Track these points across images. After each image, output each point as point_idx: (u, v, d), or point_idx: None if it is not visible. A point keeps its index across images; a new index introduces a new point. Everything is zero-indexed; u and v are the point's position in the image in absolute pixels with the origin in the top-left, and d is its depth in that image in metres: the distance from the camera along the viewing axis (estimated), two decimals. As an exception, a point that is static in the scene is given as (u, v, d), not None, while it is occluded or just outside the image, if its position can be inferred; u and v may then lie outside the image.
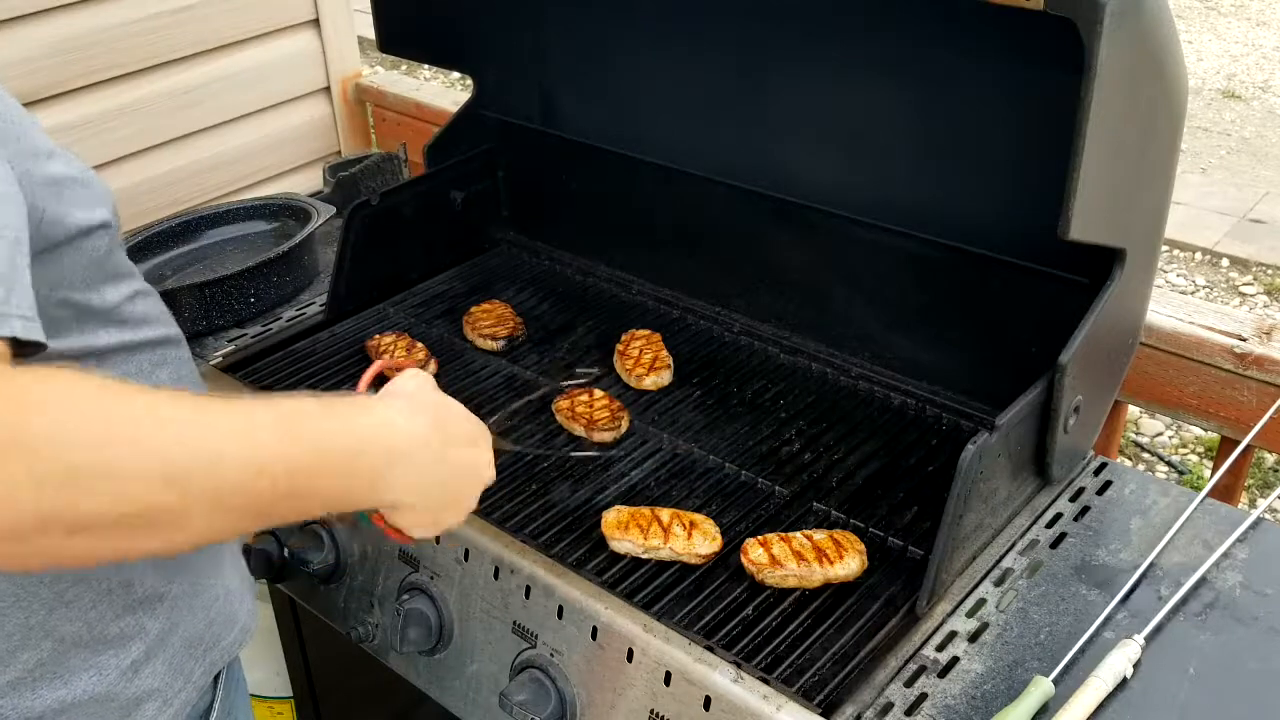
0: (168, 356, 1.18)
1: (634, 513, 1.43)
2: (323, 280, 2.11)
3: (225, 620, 1.25)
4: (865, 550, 1.39)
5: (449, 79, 6.22)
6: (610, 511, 1.45)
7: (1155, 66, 1.24)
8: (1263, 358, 1.64)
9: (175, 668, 1.18)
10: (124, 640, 1.13)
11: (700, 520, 1.43)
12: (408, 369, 1.14)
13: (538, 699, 1.32)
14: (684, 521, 1.42)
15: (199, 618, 1.21)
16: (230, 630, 1.26)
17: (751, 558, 1.36)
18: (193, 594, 1.20)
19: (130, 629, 1.13)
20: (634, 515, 1.43)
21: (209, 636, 1.23)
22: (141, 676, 1.15)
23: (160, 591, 1.15)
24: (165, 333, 1.19)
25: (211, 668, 1.24)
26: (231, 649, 1.27)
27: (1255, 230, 5.49)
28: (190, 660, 1.20)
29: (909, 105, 1.59)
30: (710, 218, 1.92)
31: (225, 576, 1.26)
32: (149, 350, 1.16)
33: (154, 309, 1.19)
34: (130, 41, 2.37)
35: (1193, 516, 1.44)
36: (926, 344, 1.71)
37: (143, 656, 1.14)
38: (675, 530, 1.40)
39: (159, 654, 1.16)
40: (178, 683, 1.19)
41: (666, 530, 1.40)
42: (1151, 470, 3.86)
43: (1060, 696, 1.19)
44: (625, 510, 1.44)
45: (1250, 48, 8.04)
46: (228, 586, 1.26)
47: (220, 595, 1.24)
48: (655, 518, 1.42)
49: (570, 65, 2.02)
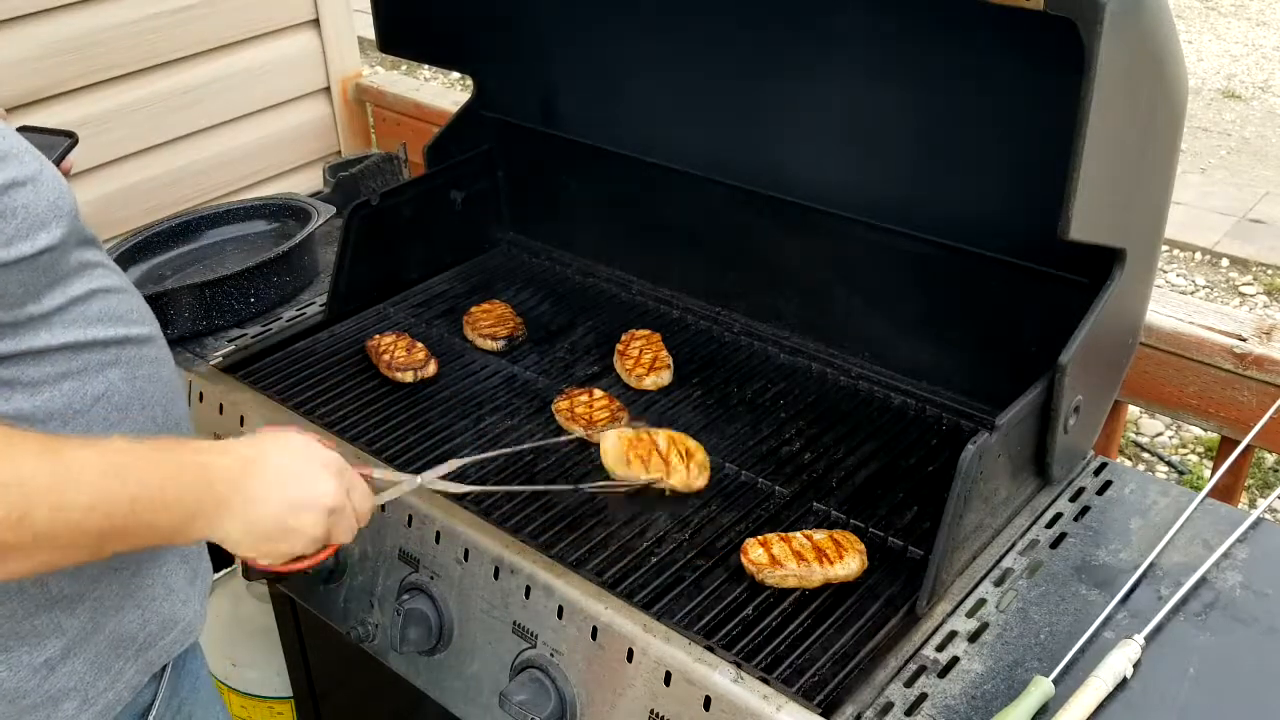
0: (122, 356, 1.17)
1: (633, 442, 1.49)
2: (323, 280, 2.11)
3: (163, 620, 1.24)
4: (865, 550, 1.39)
5: (449, 79, 6.22)
6: (609, 438, 1.50)
7: (1155, 66, 1.24)
8: (1263, 358, 1.64)
9: (99, 666, 1.17)
10: (37, 637, 1.12)
11: (695, 449, 1.51)
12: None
13: (538, 699, 1.32)
14: (680, 449, 1.49)
15: (129, 617, 1.20)
16: (170, 630, 1.24)
17: (751, 558, 1.37)
18: (122, 595, 1.19)
19: (45, 627, 1.13)
20: (633, 445, 1.49)
21: (143, 636, 1.21)
22: (58, 674, 1.14)
23: (80, 592, 1.14)
24: (125, 332, 1.18)
25: (148, 667, 1.23)
26: (172, 648, 1.25)
27: (1255, 230, 5.49)
28: (118, 660, 1.19)
29: (909, 105, 1.59)
30: (710, 218, 1.92)
31: (167, 575, 1.24)
32: (99, 350, 1.14)
33: (118, 306, 1.18)
34: (130, 41, 2.37)
35: (1193, 516, 1.44)
36: (926, 344, 1.71)
37: (59, 654, 1.14)
38: (674, 461, 1.48)
39: (79, 652, 1.15)
40: (102, 681, 1.18)
41: (666, 461, 1.49)
42: (1151, 470, 3.86)
43: (1060, 696, 1.19)
44: (625, 438, 1.50)
45: (1250, 48, 8.04)
46: (169, 585, 1.25)
47: (158, 595, 1.23)
48: (654, 445, 1.49)
49: (570, 65, 2.02)
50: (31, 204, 1.04)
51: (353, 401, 1.75)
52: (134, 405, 1.18)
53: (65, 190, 1.10)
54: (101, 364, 1.15)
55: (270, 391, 1.75)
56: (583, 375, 1.81)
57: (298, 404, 1.72)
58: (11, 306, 1.04)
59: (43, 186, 1.06)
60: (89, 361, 1.13)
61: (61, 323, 1.10)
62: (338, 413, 1.71)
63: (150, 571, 1.22)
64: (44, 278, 1.07)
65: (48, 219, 1.06)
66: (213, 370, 1.82)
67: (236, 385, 1.77)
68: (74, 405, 1.11)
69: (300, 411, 1.69)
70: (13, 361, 1.06)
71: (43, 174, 1.07)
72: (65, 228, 1.08)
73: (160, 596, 1.23)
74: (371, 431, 1.67)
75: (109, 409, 1.15)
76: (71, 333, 1.11)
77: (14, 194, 1.02)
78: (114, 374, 1.16)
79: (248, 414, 1.72)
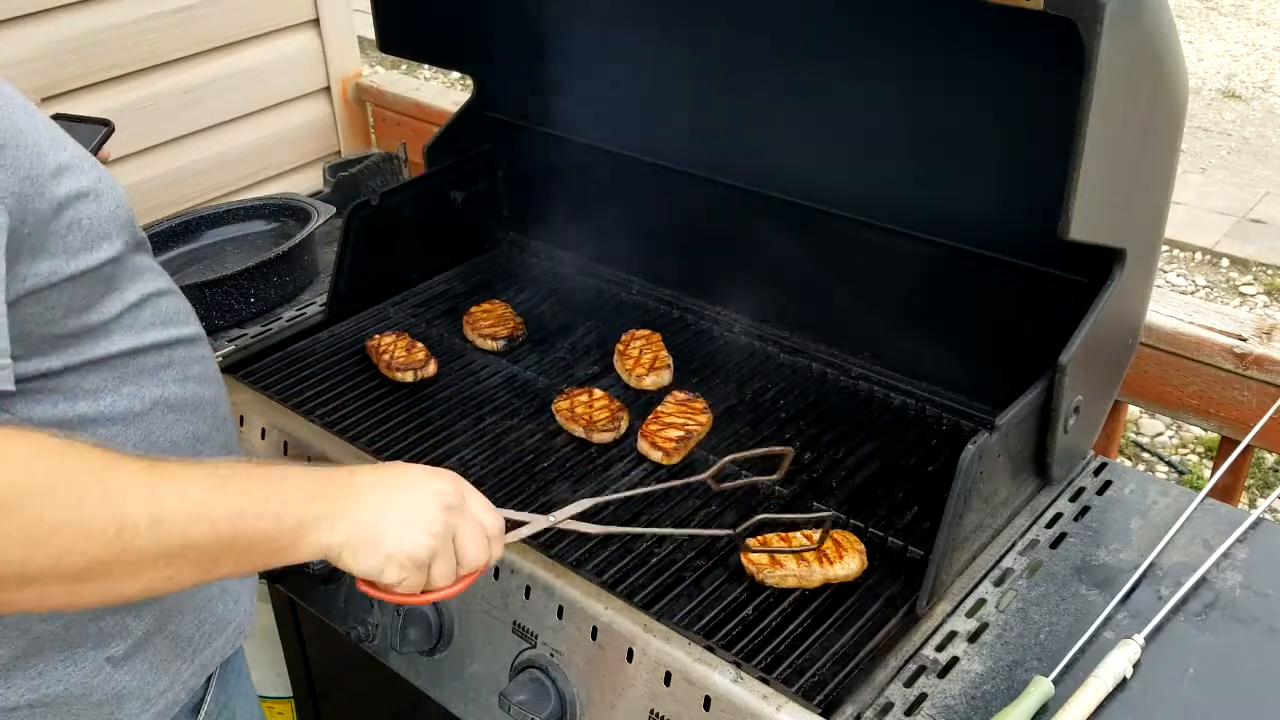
0: (175, 358, 1.18)
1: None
2: (323, 280, 2.11)
3: (217, 622, 1.25)
4: (865, 550, 1.39)
5: (449, 79, 6.22)
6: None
7: (1155, 66, 1.24)
8: (1263, 358, 1.64)
9: (159, 667, 1.17)
10: (103, 639, 1.13)
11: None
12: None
13: (538, 699, 1.32)
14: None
15: (188, 619, 1.20)
16: (224, 630, 1.25)
17: (751, 558, 1.36)
18: (182, 597, 1.19)
19: (110, 628, 1.13)
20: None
21: (199, 638, 1.22)
22: (121, 674, 1.14)
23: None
24: (177, 334, 1.19)
25: (203, 669, 1.23)
26: (224, 650, 1.26)
27: (1255, 230, 5.49)
28: (177, 660, 1.20)
29: (909, 105, 1.59)
30: (710, 218, 1.92)
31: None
32: (154, 353, 1.16)
33: (168, 309, 1.19)
34: (130, 41, 2.37)
35: (1193, 516, 1.44)
36: (926, 344, 1.71)
37: (123, 655, 1.14)
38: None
39: (141, 653, 1.16)
40: (162, 682, 1.18)
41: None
42: (1151, 470, 3.86)
43: (1060, 696, 1.19)
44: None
45: (1250, 48, 8.04)
46: (224, 586, 1.25)
47: (214, 596, 1.24)
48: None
49: (570, 65, 2.02)
50: (94, 215, 1.05)
51: (353, 401, 1.75)
52: (188, 406, 1.18)
53: (123, 199, 1.12)
54: (157, 366, 1.16)
55: (270, 391, 1.75)
56: (583, 375, 1.81)
57: (298, 404, 1.72)
58: (75, 316, 1.05)
59: (104, 197, 1.07)
60: (145, 365, 1.14)
61: (120, 329, 1.11)
62: (338, 413, 1.71)
63: None
64: (104, 287, 1.08)
65: (110, 230, 1.08)
66: (213, 370, 1.82)
67: (236, 385, 1.77)
68: (134, 409, 1.12)
69: (300, 411, 1.69)
70: (75, 371, 1.06)
71: (102, 183, 1.08)
72: (126, 236, 1.11)
73: (215, 598, 1.24)
74: (371, 431, 1.67)
75: (166, 410, 1.15)
76: (129, 339, 1.12)
77: (78, 206, 1.03)
78: (168, 376, 1.17)
79: (248, 414, 1.72)
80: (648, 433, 1.62)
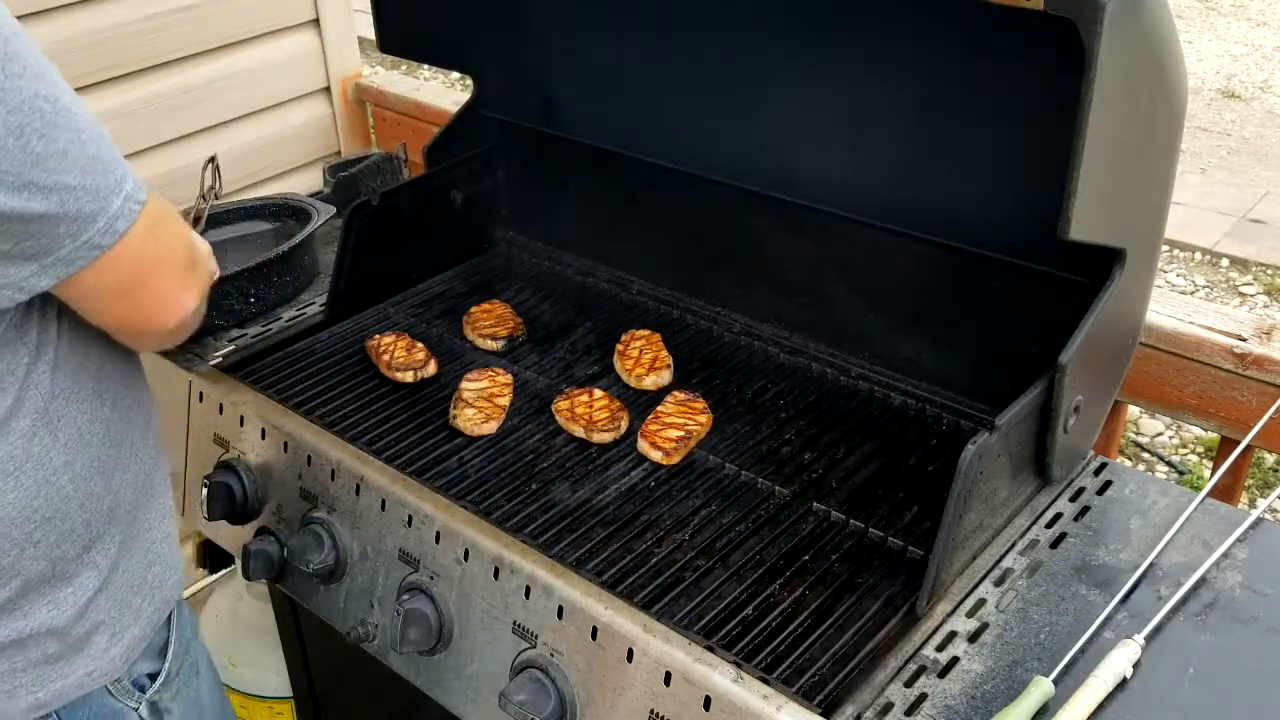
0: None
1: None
2: (323, 280, 2.11)
3: (166, 564, 1.37)
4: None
5: (449, 79, 6.22)
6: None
7: (1155, 66, 1.24)
8: (1263, 358, 1.64)
9: (122, 603, 1.30)
10: (79, 576, 1.25)
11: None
12: None
13: (538, 699, 1.32)
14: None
15: (139, 559, 1.32)
16: (174, 573, 1.39)
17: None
18: (132, 535, 1.31)
19: (86, 565, 1.25)
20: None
21: (151, 577, 1.34)
22: (92, 610, 1.26)
23: (108, 531, 1.27)
24: None
25: (164, 605, 1.37)
26: (177, 589, 1.40)
27: (1255, 230, 5.49)
28: (137, 597, 1.32)
29: (909, 105, 1.59)
30: (710, 218, 1.92)
31: (162, 521, 1.38)
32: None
33: None
34: (130, 41, 2.37)
35: (1193, 516, 1.44)
36: (926, 344, 1.71)
37: (94, 591, 1.26)
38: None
39: (107, 589, 1.28)
40: (126, 617, 1.31)
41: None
42: (1151, 470, 3.86)
43: (1060, 696, 1.19)
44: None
45: (1250, 48, 8.04)
46: (166, 531, 1.38)
47: (158, 539, 1.36)
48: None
49: (570, 65, 2.02)
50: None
51: (353, 401, 1.75)
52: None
53: None
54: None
55: (270, 391, 1.75)
56: (583, 375, 1.81)
57: (298, 404, 1.72)
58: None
59: None
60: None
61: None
62: (338, 413, 1.71)
63: (146, 518, 1.34)
64: None
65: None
66: (213, 370, 1.82)
67: (236, 385, 1.77)
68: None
69: (300, 411, 1.69)
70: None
71: None
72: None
73: (159, 540, 1.36)
74: (371, 432, 1.67)
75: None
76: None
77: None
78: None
79: (248, 414, 1.72)
80: (648, 433, 1.62)
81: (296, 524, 1.63)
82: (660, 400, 1.70)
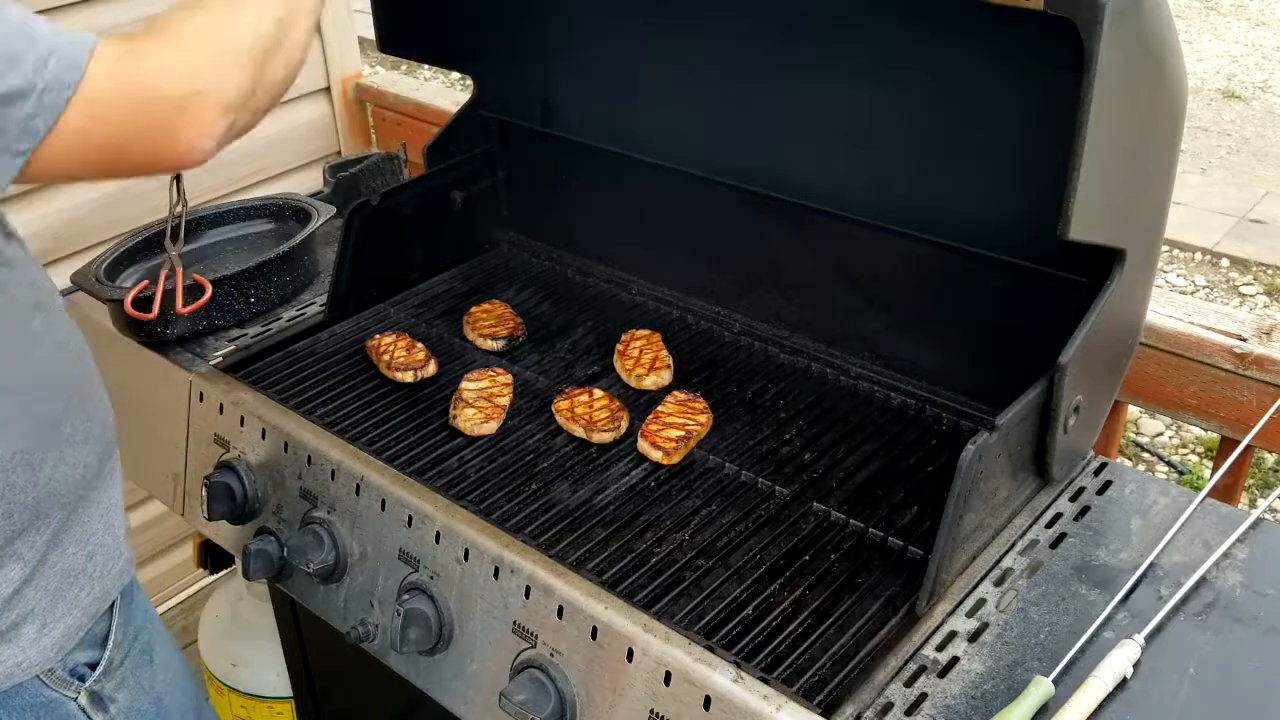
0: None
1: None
2: (323, 280, 2.11)
3: (110, 553, 1.37)
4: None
5: (449, 79, 6.22)
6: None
7: (1155, 66, 1.24)
8: (1263, 358, 1.64)
9: (56, 594, 1.29)
10: (3, 567, 1.24)
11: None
12: None
13: (538, 699, 1.32)
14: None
15: (75, 551, 1.32)
16: (116, 562, 1.38)
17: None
18: (66, 528, 1.31)
19: (9, 556, 1.24)
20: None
21: (92, 567, 1.34)
22: (18, 601, 1.26)
23: (35, 524, 1.26)
24: None
25: (105, 595, 1.36)
26: (121, 578, 1.39)
27: (1255, 230, 5.50)
28: (74, 587, 1.31)
29: (909, 105, 1.59)
30: (710, 218, 1.92)
31: (105, 514, 1.37)
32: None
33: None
34: (130, 42, 2.36)
35: (1193, 516, 1.44)
36: (926, 344, 1.71)
37: (20, 583, 1.25)
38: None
39: (36, 580, 1.27)
40: (60, 607, 1.30)
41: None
42: (1151, 470, 3.86)
43: (1060, 696, 1.19)
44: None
45: (1250, 48, 8.05)
46: (110, 522, 1.38)
47: (99, 530, 1.36)
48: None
49: (570, 65, 2.02)
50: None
51: (353, 401, 1.75)
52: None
53: None
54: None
55: (270, 391, 1.75)
56: (583, 375, 1.81)
57: (298, 404, 1.72)
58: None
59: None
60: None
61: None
62: (338, 413, 1.71)
63: (86, 511, 1.34)
64: None
65: None
66: (213, 370, 1.82)
67: (237, 385, 1.77)
68: None
69: (300, 411, 1.69)
70: None
71: None
72: None
73: (102, 531, 1.36)
74: (371, 432, 1.67)
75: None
76: None
77: None
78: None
79: (248, 414, 1.72)
80: (648, 433, 1.62)
81: (296, 524, 1.63)
82: (660, 400, 1.70)
